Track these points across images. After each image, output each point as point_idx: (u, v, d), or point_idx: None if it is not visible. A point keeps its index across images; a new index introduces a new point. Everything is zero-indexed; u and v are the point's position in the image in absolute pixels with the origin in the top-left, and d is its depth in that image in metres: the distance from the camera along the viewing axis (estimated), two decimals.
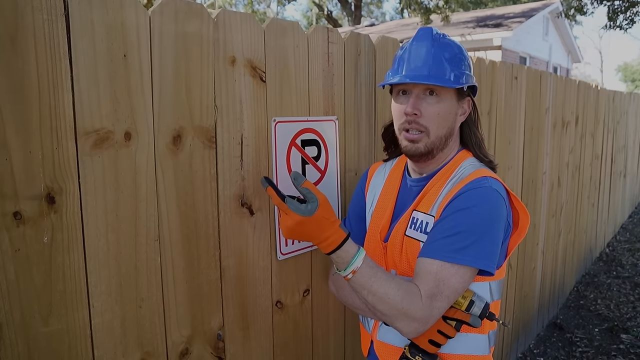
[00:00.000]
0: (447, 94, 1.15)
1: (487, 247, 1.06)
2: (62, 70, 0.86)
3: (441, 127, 1.16)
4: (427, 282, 1.03)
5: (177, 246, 1.08)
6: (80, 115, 0.90)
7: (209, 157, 1.12)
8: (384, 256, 1.24)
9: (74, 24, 0.87)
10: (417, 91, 1.15)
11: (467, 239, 1.04)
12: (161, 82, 1.01)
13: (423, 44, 1.16)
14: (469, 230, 1.05)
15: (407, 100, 1.16)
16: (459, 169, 1.19)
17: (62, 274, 0.89)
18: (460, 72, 1.16)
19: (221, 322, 1.19)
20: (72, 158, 0.89)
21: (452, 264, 1.04)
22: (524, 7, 17.44)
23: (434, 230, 1.10)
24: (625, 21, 11.41)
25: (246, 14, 1.17)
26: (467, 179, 1.13)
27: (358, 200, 1.40)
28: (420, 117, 1.14)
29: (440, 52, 1.15)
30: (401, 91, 1.19)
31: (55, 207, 0.88)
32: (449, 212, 1.09)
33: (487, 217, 1.07)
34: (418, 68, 1.14)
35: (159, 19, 1.00)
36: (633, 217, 6.89)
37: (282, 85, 1.28)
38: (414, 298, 1.02)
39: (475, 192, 1.09)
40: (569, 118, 3.59)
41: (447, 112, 1.16)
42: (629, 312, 3.78)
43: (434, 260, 1.05)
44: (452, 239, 1.05)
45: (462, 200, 1.09)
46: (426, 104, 1.14)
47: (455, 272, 1.04)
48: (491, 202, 1.09)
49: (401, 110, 1.17)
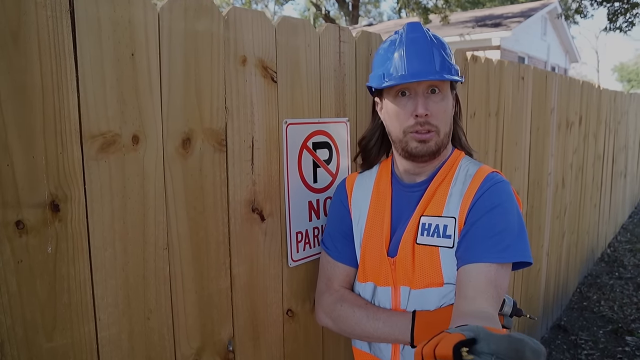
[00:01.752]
0: (447, 90, 1.12)
1: (525, 239, 1.05)
2: (67, 70, 0.81)
3: (447, 124, 1.13)
4: (490, 291, 0.97)
5: (186, 254, 1.03)
6: (86, 117, 0.85)
7: (219, 161, 1.07)
8: (392, 273, 1.14)
9: (79, 21, 0.82)
10: (422, 89, 1.09)
11: (510, 236, 1.02)
12: (170, 82, 0.97)
13: (420, 40, 1.10)
14: (508, 227, 1.03)
15: (411, 101, 1.10)
16: (460, 167, 1.16)
17: (67, 286, 0.84)
18: (455, 65, 1.14)
19: (231, 333, 1.14)
20: (77, 163, 0.84)
21: (503, 265, 1.00)
22: (523, 7, 17.45)
23: (473, 233, 1.04)
24: (625, 23, 11.41)
25: (257, 12, 1.12)
26: (478, 177, 1.11)
27: (341, 217, 1.26)
28: (430, 116, 1.09)
29: (437, 46, 1.11)
30: (400, 92, 1.11)
31: (59, 215, 0.83)
32: (481, 211, 1.05)
33: (516, 210, 1.08)
34: (422, 64, 1.08)
35: (168, 16, 0.95)
36: (633, 217, 6.87)
37: (293, 85, 1.23)
38: (497, 323, 0.93)
39: (497, 187, 1.08)
40: (573, 118, 3.56)
41: (450, 109, 1.14)
42: (632, 314, 3.75)
43: (490, 264, 0.99)
44: (496, 239, 1.01)
45: (489, 199, 1.06)
46: (432, 103, 1.09)
47: (505, 272, 1.00)
48: (512, 194, 1.09)
49: (407, 112, 1.10)
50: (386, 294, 1.14)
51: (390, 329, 1.09)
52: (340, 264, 1.23)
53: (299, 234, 1.28)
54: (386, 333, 1.10)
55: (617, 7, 11.09)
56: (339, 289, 1.22)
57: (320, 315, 1.23)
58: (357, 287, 1.21)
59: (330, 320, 1.20)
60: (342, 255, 1.23)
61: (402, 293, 1.12)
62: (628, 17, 11.31)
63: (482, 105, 2.15)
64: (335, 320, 1.18)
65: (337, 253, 1.23)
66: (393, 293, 1.13)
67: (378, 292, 1.16)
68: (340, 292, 1.21)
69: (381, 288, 1.15)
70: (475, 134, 2.10)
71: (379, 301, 1.16)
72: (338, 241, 1.24)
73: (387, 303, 1.14)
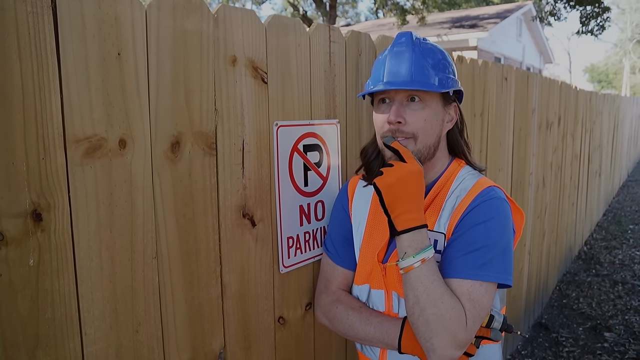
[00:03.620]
0: (432, 100, 1.09)
1: (507, 260, 1.03)
2: (49, 70, 0.76)
3: (429, 134, 1.09)
4: (465, 304, 0.97)
5: (176, 263, 0.98)
6: (70, 120, 0.80)
7: (209, 165, 1.03)
8: (383, 278, 1.14)
9: (62, 17, 0.77)
10: (399, 98, 1.08)
11: (489, 254, 1.00)
12: (158, 83, 0.92)
13: (403, 50, 1.10)
14: (489, 244, 1.01)
15: (388, 108, 1.09)
16: (457, 180, 1.14)
17: (50, 300, 0.79)
18: (444, 76, 1.10)
19: (222, 343, 1.10)
20: (61, 169, 0.79)
21: (481, 282, 0.99)
22: (498, 8, 17.75)
23: (452, 248, 1.03)
24: (597, 27, 11.68)
25: (247, 10, 1.08)
26: (473, 191, 1.09)
27: (341, 221, 1.27)
28: (405, 124, 1.07)
29: (421, 57, 1.09)
30: (381, 100, 1.12)
31: (42, 225, 0.77)
32: (466, 227, 1.03)
33: (503, 229, 1.05)
34: (400, 74, 1.08)
35: (156, 13, 0.90)
36: (607, 215, 7.03)
37: (284, 86, 1.19)
38: (460, 314, 0.96)
39: (488, 204, 1.06)
40: (553, 119, 3.61)
41: (433, 119, 1.09)
42: (610, 310, 3.82)
43: (462, 280, 0.99)
44: (474, 255, 1.00)
45: (477, 214, 1.04)
46: (410, 111, 1.07)
47: (485, 291, 0.99)
48: (504, 213, 1.06)
49: (383, 119, 1.09)
50: (380, 296, 1.15)
51: (380, 334, 1.10)
52: (339, 267, 1.24)
53: (290, 239, 1.25)
54: (376, 338, 1.11)
55: (589, 10, 11.34)
56: (336, 290, 1.24)
57: (318, 314, 1.26)
58: (354, 289, 1.22)
59: (327, 320, 1.23)
60: (341, 259, 1.24)
61: (394, 297, 1.13)
62: (599, 20, 11.59)
63: (467, 106, 2.14)
64: (331, 320, 1.21)
65: (337, 257, 1.25)
66: (386, 297, 1.14)
67: (372, 295, 1.17)
68: (337, 293, 1.23)
69: (375, 291, 1.16)
70: None
71: (374, 303, 1.17)
72: (338, 245, 1.26)
73: (380, 305, 1.15)
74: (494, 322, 1.05)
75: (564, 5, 11.35)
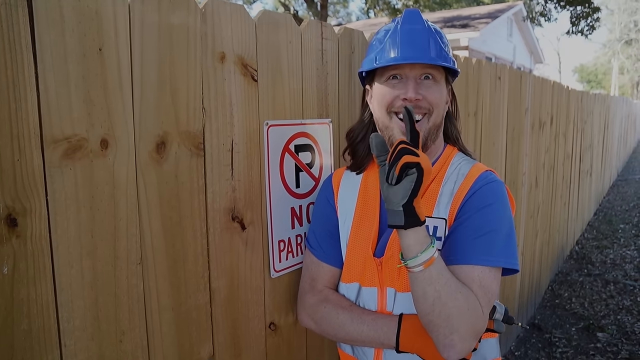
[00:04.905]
0: (441, 79, 1.08)
1: (513, 244, 1.02)
2: (24, 66, 0.72)
3: (440, 113, 1.09)
4: (477, 291, 0.94)
5: (162, 269, 0.94)
6: (48, 119, 0.75)
7: (197, 167, 0.99)
8: (378, 273, 1.09)
9: (38, 10, 0.73)
10: (414, 74, 1.05)
11: (496, 238, 0.98)
12: (143, 80, 0.88)
13: (417, 27, 1.07)
14: (496, 228, 0.99)
15: (401, 84, 1.06)
16: (452, 166, 1.12)
17: (26, 310, 0.75)
18: (453, 56, 1.11)
19: (211, 351, 1.06)
20: (37, 171, 0.74)
21: (490, 268, 0.96)
22: (489, 8, 17.82)
23: (459, 233, 1.00)
24: (587, 27, 11.76)
25: (236, 5, 1.04)
26: (471, 175, 1.07)
27: (327, 216, 1.20)
28: (422, 100, 1.05)
29: (433, 35, 1.07)
30: (392, 76, 1.07)
31: (17, 231, 0.73)
32: (470, 211, 1.01)
33: (507, 213, 1.04)
34: (417, 49, 1.05)
35: (140, 7, 0.86)
36: (598, 215, 7.07)
37: (274, 84, 1.15)
38: (476, 302, 0.92)
39: (489, 187, 1.05)
40: (545, 118, 3.60)
41: (443, 97, 1.09)
42: (602, 310, 3.82)
43: (474, 266, 0.96)
44: (482, 240, 0.97)
45: (480, 198, 1.03)
46: (425, 87, 1.05)
47: (494, 277, 0.97)
48: (505, 196, 1.06)
49: (394, 94, 1.06)
50: (371, 294, 1.10)
51: (375, 333, 1.05)
52: (325, 265, 1.17)
53: (282, 242, 1.21)
54: (370, 337, 1.06)
55: (579, 10, 11.42)
56: (322, 289, 1.16)
57: (303, 316, 1.17)
58: (341, 288, 1.16)
59: (312, 322, 1.14)
60: (327, 256, 1.17)
61: (388, 294, 1.08)
62: (589, 20, 11.66)
63: (461, 106, 2.11)
64: (318, 322, 1.13)
65: (322, 253, 1.17)
66: (379, 294, 1.09)
67: (363, 293, 1.11)
68: (324, 292, 1.15)
69: (366, 289, 1.10)
70: None
71: (364, 302, 1.11)
72: (323, 241, 1.18)
73: (372, 304, 1.09)
74: (496, 314, 1.02)
75: (555, 5, 11.41)
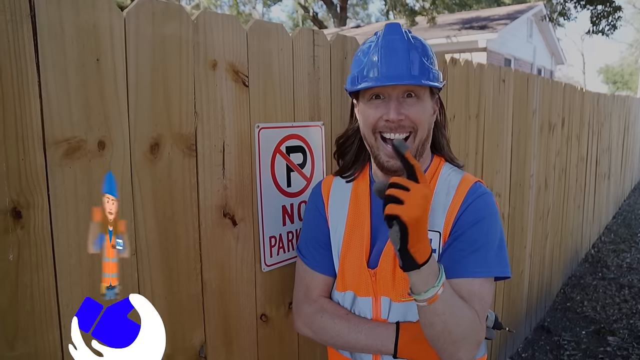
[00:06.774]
0: (424, 95, 1.06)
1: (505, 253, 1.07)
2: (28, 76, 0.81)
3: (424, 129, 1.07)
4: (475, 304, 0.99)
5: (155, 260, 1.02)
6: (50, 123, 0.84)
7: (189, 166, 1.07)
8: (372, 284, 1.09)
9: (41, 25, 0.81)
10: (396, 94, 1.04)
11: (491, 250, 1.03)
12: (137, 87, 0.96)
13: (396, 43, 1.04)
14: (490, 240, 1.04)
15: (383, 104, 1.05)
16: (441, 177, 1.13)
17: (29, 294, 0.84)
18: (436, 70, 1.07)
19: (203, 338, 1.13)
20: (40, 169, 0.83)
21: (487, 279, 1.02)
22: (509, 9, 17.62)
23: (457, 248, 1.04)
24: (608, 26, 11.55)
25: (228, 16, 1.12)
26: (462, 188, 1.09)
27: (317, 225, 1.19)
28: (405, 119, 1.04)
29: (415, 49, 1.04)
30: (374, 95, 1.06)
31: (22, 222, 0.82)
32: (465, 226, 1.05)
33: (497, 223, 1.08)
34: (398, 68, 1.02)
35: (134, 20, 0.94)
36: (617, 218, 6.95)
37: (265, 90, 1.23)
38: (475, 317, 0.98)
39: (482, 201, 1.08)
40: (556, 120, 3.60)
41: (427, 113, 1.07)
42: (615, 314, 3.79)
43: (473, 279, 1.01)
44: (478, 253, 1.02)
45: (473, 212, 1.06)
46: (407, 106, 1.04)
47: (489, 287, 1.02)
48: (495, 207, 1.10)
49: (377, 115, 1.05)
50: (366, 303, 1.11)
51: (373, 341, 1.07)
52: (318, 274, 1.17)
53: (273, 238, 1.28)
54: (368, 345, 1.08)
55: (600, 10, 11.23)
56: (317, 298, 1.17)
57: (300, 325, 1.17)
58: (335, 296, 1.17)
59: (310, 331, 1.15)
60: (319, 265, 1.17)
61: (383, 304, 1.09)
62: (610, 20, 11.46)
63: (462, 108, 2.16)
64: (315, 331, 1.14)
65: (315, 262, 1.18)
66: (374, 303, 1.10)
67: (358, 302, 1.12)
68: (319, 302, 1.16)
69: (361, 298, 1.12)
70: (455, 137, 2.11)
71: (359, 310, 1.12)
72: (315, 250, 1.18)
73: (367, 312, 1.11)
74: (487, 321, 1.07)
75: (574, 4, 11.25)
